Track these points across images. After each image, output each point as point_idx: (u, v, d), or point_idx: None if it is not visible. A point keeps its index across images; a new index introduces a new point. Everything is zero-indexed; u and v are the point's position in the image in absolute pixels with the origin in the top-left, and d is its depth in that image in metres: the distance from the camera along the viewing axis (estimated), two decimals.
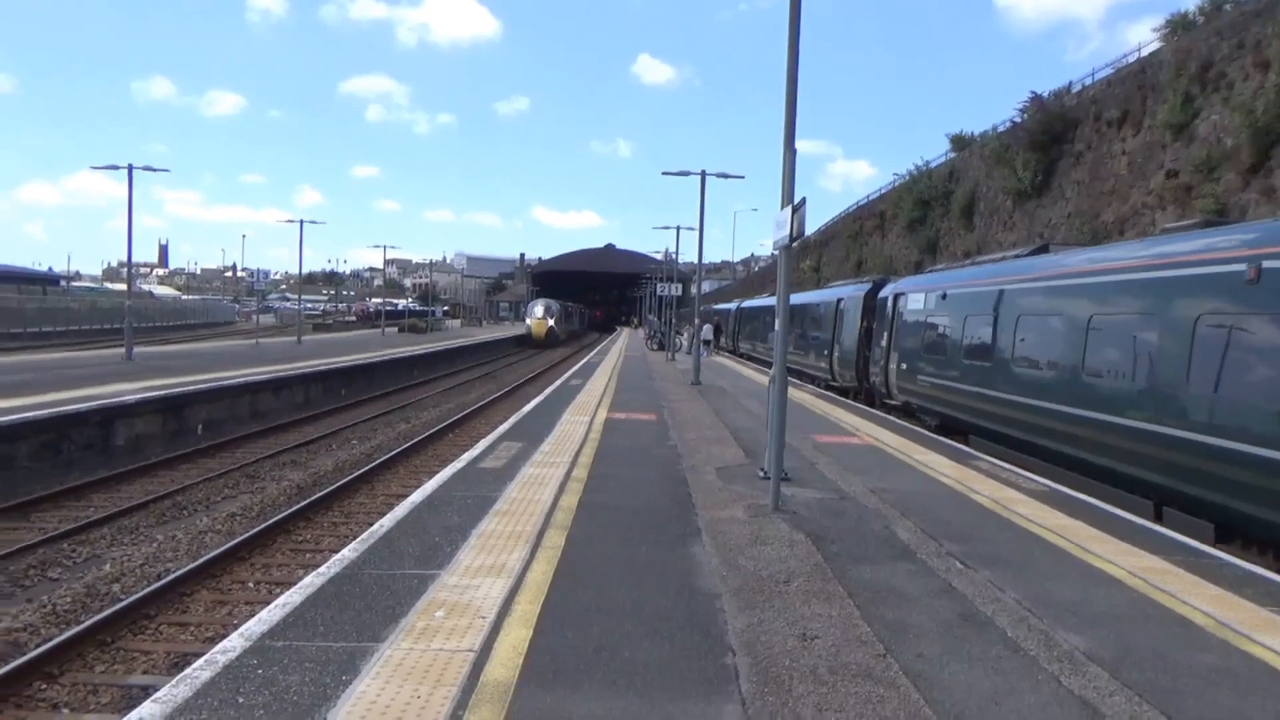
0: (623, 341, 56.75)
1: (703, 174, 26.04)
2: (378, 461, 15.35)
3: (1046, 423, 11.82)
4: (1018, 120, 31.87)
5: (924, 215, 39.85)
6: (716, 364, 34.77)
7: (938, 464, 12.00)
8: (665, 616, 5.56)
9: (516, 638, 5.08)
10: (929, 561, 7.08)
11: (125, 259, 31.32)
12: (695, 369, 25.38)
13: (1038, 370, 12.35)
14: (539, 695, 4.34)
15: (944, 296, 16.42)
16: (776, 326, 9.47)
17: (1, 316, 47.01)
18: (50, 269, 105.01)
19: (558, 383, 24.60)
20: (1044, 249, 14.86)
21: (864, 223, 50.26)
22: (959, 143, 40.00)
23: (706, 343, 34.10)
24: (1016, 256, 15.09)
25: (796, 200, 8.34)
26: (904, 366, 18.25)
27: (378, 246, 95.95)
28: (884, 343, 19.86)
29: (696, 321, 30.00)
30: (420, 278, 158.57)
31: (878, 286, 22.26)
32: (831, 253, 55.62)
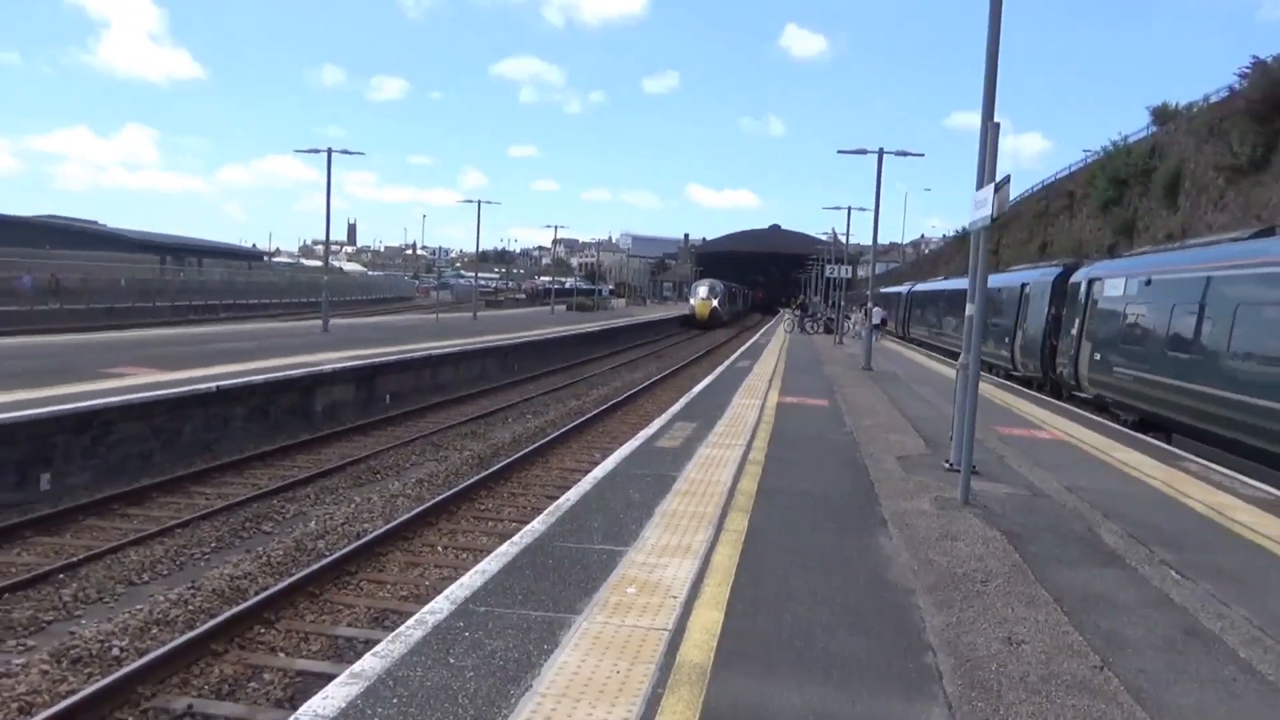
0: (787, 323, 56.00)
1: (880, 152, 25.17)
2: (552, 436, 15.78)
3: (1276, 425, 10.74)
4: (1235, 89, 28.99)
5: (1120, 195, 36.93)
6: (886, 349, 33.75)
7: (1140, 463, 11.16)
8: (857, 609, 5.41)
9: (708, 619, 5.07)
10: (1140, 569, 6.58)
11: (317, 237, 33.47)
12: (867, 354, 24.71)
13: (1271, 366, 11.18)
14: (735, 679, 4.31)
15: (1148, 282, 15.20)
16: (968, 311, 9.04)
17: (215, 289, 51.67)
18: (254, 245, 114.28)
19: (725, 364, 24.54)
20: (1270, 231, 13.48)
21: (1050, 203, 47.17)
22: (1162, 115, 36.79)
23: (876, 327, 33.12)
24: (1235, 240, 13.76)
25: (1000, 178, 7.88)
26: (1098, 357, 17.07)
27: (548, 226, 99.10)
28: (1075, 331, 18.65)
29: (868, 305, 29.15)
30: (586, 257, 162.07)
31: (1068, 271, 20.93)
32: (1011, 235, 52.55)
